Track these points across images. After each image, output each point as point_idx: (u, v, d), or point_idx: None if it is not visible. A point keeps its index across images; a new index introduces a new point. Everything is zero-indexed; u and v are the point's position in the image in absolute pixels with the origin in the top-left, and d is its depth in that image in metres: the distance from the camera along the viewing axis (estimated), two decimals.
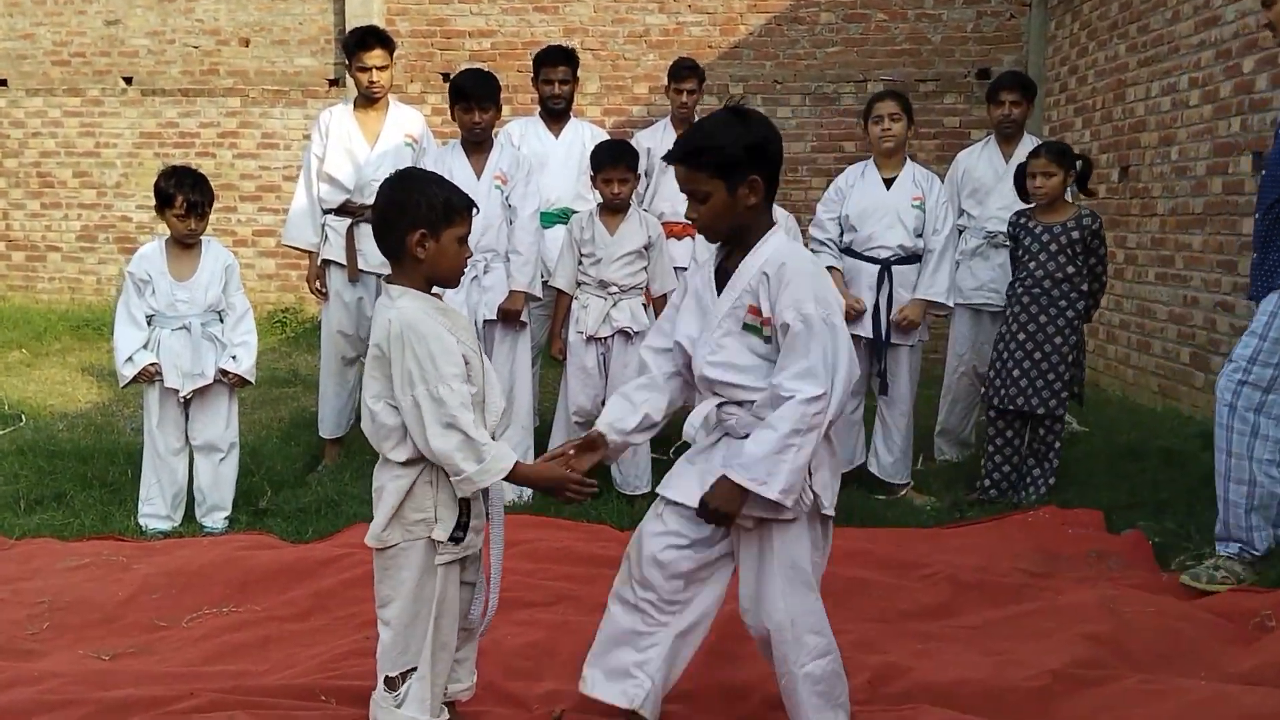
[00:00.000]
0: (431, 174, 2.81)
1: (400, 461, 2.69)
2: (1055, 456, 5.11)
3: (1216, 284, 6.24)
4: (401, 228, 2.67)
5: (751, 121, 2.66)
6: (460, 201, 2.72)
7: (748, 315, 2.66)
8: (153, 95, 10.25)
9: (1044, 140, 5.36)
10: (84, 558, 4.40)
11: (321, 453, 5.90)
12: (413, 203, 2.67)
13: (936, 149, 9.03)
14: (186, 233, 4.71)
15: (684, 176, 2.68)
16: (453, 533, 2.72)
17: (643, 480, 5.27)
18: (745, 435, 2.65)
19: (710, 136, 2.64)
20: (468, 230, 2.74)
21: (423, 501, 2.70)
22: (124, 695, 3.13)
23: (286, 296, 10.23)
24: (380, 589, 2.78)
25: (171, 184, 4.65)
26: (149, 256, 4.76)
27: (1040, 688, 3.14)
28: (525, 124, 6.04)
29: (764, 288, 2.63)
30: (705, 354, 2.71)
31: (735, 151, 2.61)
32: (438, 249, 2.68)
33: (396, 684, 2.76)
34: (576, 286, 5.20)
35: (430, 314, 2.67)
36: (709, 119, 2.71)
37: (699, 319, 2.76)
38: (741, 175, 2.62)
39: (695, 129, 2.70)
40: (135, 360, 4.67)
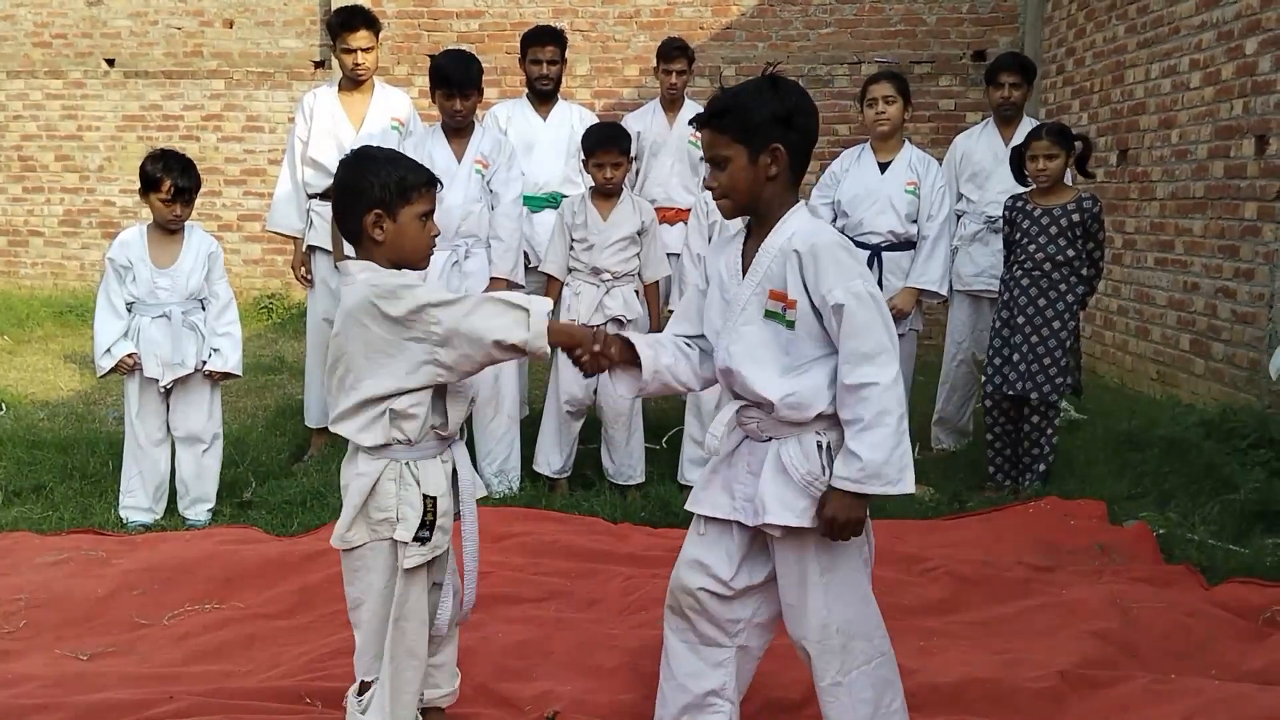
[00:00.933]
0: (388, 152, 2.67)
1: (366, 450, 2.59)
2: (1049, 444, 4.99)
3: (1217, 269, 6.15)
4: (357, 210, 2.57)
5: (783, 89, 2.51)
6: (417, 178, 2.60)
7: (769, 301, 2.49)
8: (135, 77, 10.10)
9: (1043, 122, 5.25)
10: (63, 552, 4.29)
11: (307, 442, 5.79)
12: (365, 183, 2.56)
13: (931, 132, 8.93)
14: (171, 218, 4.59)
15: (707, 140, 2.54)
16: (418, 533, 2.59)
17: (636, 471, 5.18)
18: (767, 439, 2.51)
19: (736, 99, 2.50)
20: (430, 207, 2.63)
21: (385, 500, 2.59)
22: (101, 699, 3.03)
23: (272, 282, 10.10)
24: (350, 591, 2.68)
25: (159, 167, 4.53)
26: (130, 243, 4.64)
27: (1050, 688, 3.06)
28: (512, 106, 5.91)
29: (791, 268, 2.46)
30: (726, 344, 2.55)
31: (760, 116, 2.47)
32: (396, 229, 2.58)
33: (367, 689, 2.67)
34: (568, 273, 5.08)
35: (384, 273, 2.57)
36: (742, 84, 2.57)
37: (722, 309, 2.59)
38: (764, 142, 2.47)
39: (725, 92, 2.55)
40: (113, 351, 4.56)
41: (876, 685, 2.57)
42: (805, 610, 2.52)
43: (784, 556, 2.54)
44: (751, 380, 2.49)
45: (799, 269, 2.45)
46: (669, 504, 4.91)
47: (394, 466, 2.59)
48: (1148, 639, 3.42)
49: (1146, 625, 3.49)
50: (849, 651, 2.53)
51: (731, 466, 2.58)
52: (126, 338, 4.59)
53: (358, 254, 2.66)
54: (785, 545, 2.52)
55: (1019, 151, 5.00)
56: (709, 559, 2.61)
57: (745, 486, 2.54)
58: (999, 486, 5.13)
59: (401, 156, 2.66)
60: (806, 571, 2.51)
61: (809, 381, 2.47)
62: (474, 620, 3.58)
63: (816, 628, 2.51)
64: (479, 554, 3.69)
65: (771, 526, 2.48)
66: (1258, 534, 4.37)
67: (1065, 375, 4.93)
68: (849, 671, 2.53)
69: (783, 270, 2.47)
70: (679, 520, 4.71)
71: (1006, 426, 5.12)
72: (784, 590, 2.56)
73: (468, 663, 3.25)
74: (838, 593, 2.52)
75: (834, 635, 2.52)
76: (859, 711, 2.55)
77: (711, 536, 2.62)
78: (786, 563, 2.54)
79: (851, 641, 2.53)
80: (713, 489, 2.60)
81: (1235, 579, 3.93)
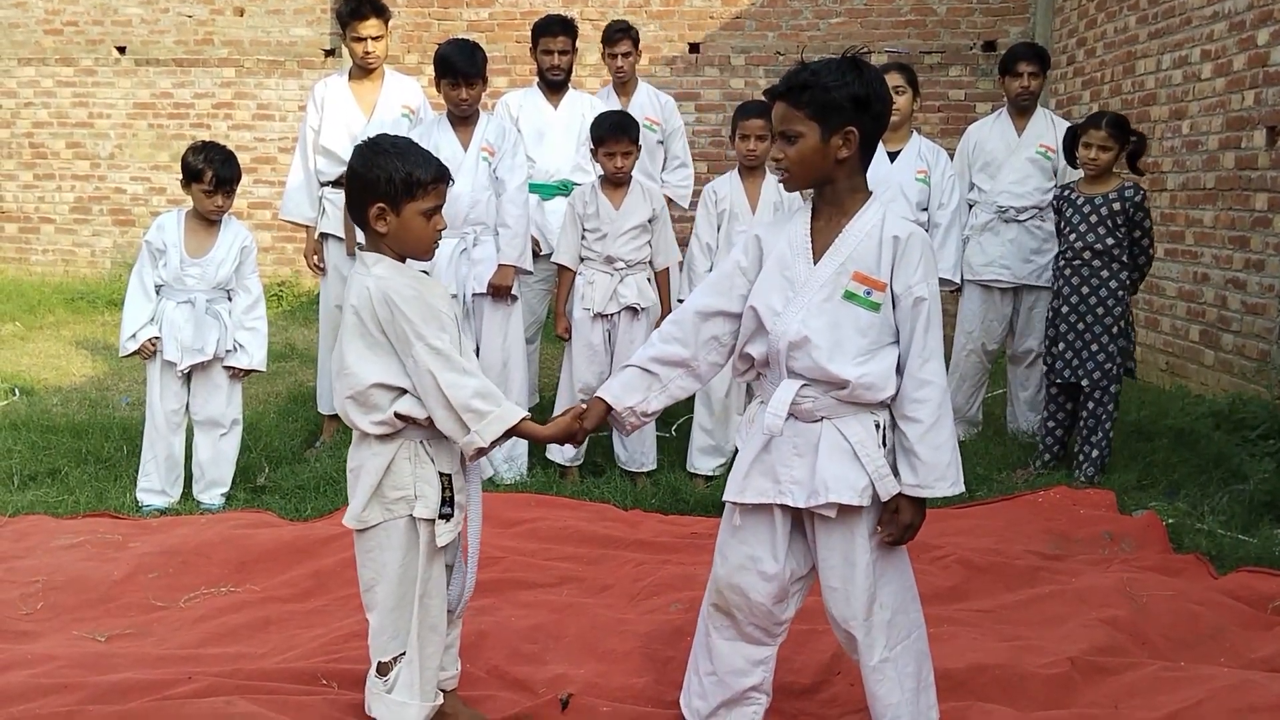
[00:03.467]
0: (400, 142, 2.67)
1: (377, 436, 2.62)
2: (1105, 434, 4.98)
3: (1228, 260, 6.15)
4: (363, 200, 2.61)
5: (864, 72, 2.47)
6: (425, 174, 2.60)
7: (852, 283, 2.47)
8: (146, 65, 10.12)
9: (1104, 111, 5.22)
10: (79, 535, 4.32)
11: (320, 428, 5.82)
12: (372, 176, 2.59)
13: (941, 122, 8.93)
14: (213, 209, 4.66)
15: (781, 114, 2.49)
16: (441, 509, 2.65)
17: (648, 458, 5.19)
18: (819, 419, 2.49)
19: (816, 75, 2.44)
20: (436, 203, 2.63)
21: (402, 479, 2.63)
22: (120, 679, 3.05)
23: (283, 270, 10.12)
24: (363, 573, 2.71)
25: (200, 159, 4.59)
26: (166, 227, 4.70)
27: (1060, 675, 3.07)
28: (524, 95, 5.93)
29: (886, 254, 2.46)
30: (796, 324, 2.48)
31: (839, 95, 2.43)
32: (399, 223, 2.61)
33: (388, 669, 2.70)
34: (580, 262, 5.10)
35: (406, 279, 2.61)
36: (823, 61, 2.50)
37: (783, 288, 2.52)
38: (839, 122, 2.44)
39: (805, 67, 2.49)
40: (138, 336, 4.62)
41: (917, 658, 2.61)
42: (853, 591, 2.52)
43: (830, 539, 2.52)
44: (828, 359, 2.45)
45: (893, 254, 2.46)
46: (679, 491, 4.94)
47: (409, 446, 2.64)
48: (1157, 627, 3.43)
49: (1156, 613, 3.50)
50: (894, 626, 2.55)
51: (772, 450, 2.53)
52: (153, 321, 4.63)
53: (365, 240, 2.69)
54: (834, 526, 2.51)
55: (1074, 132, 5.04)
56: (756, 554, 2.59)
57: (792, 469, 2.50)
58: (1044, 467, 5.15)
59: (413, 150, 2.65)
60: (855, 551, 2.50)
61: (881, 365, 2.48)
62: (487, 604, 3.63)
63: (864, 607, 2.52)
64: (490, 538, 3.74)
65: (830, 506, 2.46)
66: (1267, 524, 4.38)
67: (1114, 361, 4.95)
68: (894, 646, 2.55)
69: (875, 254, 2.47)
70: (689, 507, 4.74)
71: (1060, 414, 5.16)
72: (828, 573, 2.54)
73: (482, 646, 3.30)
74: (883, 570, 2.53)
75: (881, 611, 2.53)
76: (905, 685, 2.57)
77: (749, 528, 2.60)
78: (832, 545, 2.52)
79: (896, 616, 2.56)
80: (754, 476, 2.56)
81: (1244, 568, 3.94)
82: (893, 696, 2.57)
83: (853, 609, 2.53)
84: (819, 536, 2.55)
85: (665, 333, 2.68)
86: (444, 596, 2.73)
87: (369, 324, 2.58)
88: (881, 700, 2.58)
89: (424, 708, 2.72)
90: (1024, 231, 5.58)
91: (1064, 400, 5.14)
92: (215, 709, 2.86)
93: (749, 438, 2.61)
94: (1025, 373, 5.73)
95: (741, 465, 2.59)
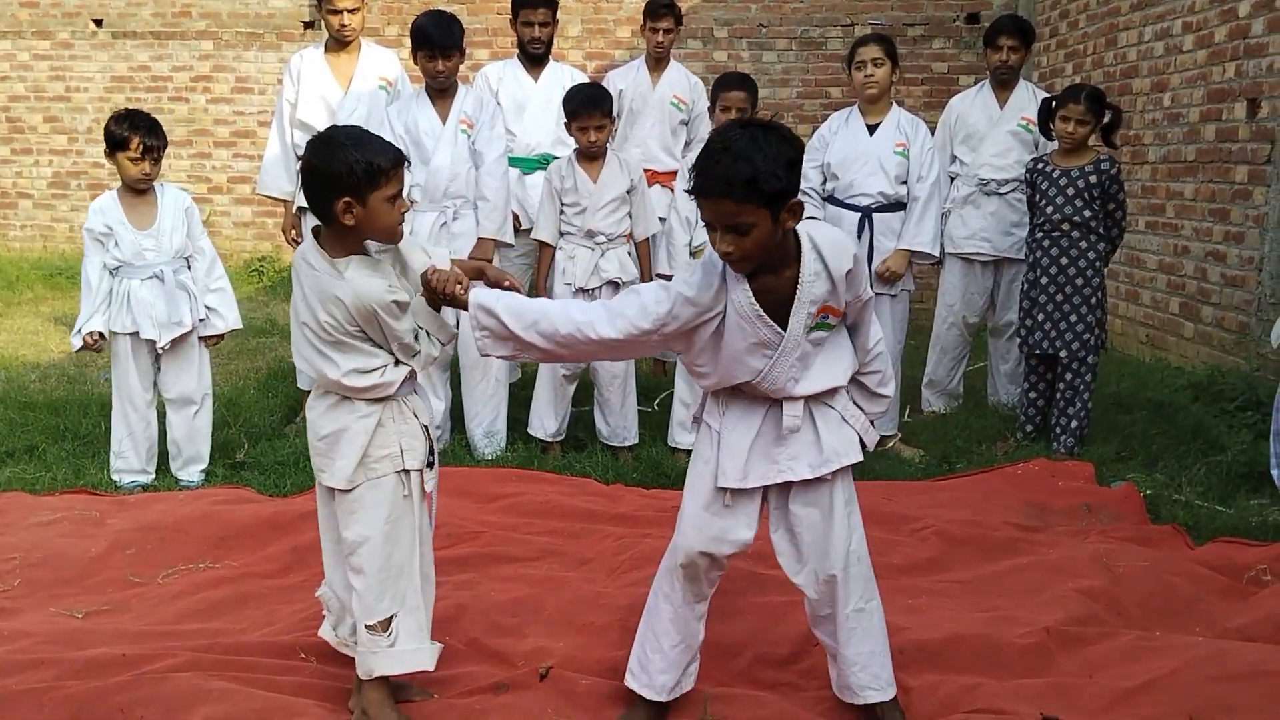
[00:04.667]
0: (354, 132, 2.66)
1: (366, 399, 2.68)
2: (1084, 405, 5.00)
3: (1208, 233, 6.17)
4: (326, 196, 2.59)
5: (781, 133, 2.42)
6: (385, 161, 2.59)
7: (815, 318, 2.55)
8: (124, 38, 10.00)
9: (1081, 85, 5.20)
10: (56, 512, 4.30)
11: (299, 404, 5.79)
12: (334, 171, 2.57)
13: (924, 95, 8.90)
14: (140, 176, 4.54)
15: (726, 210, 2.38)
16: (428, 458, 2.77)
17: (630, 432, 5.19)
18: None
19: (753, 163, 2.33)
20: (398, 188, 2.64)
21: (388, 438, 2.71)
22: (97, 654, 3.05)
23: (263, 245, 10.06)
24: (349, 534, 2.74)
25: (125, 126, 4.48)
26: (105, 209, 4.60)
27: (1036, 644, 3.09)
28: (504, 67, 5.88)
29: (841, 286, 2.55)
30: (785, 380, 2.58)
31: (784, 177, 2.37)
32: (366, 213, 2.59)
33: (383, 627, 2.73)
34: (560, 237, 5.07)
35: (377, 282, 2.62)
36: (735, 138, 2.37)
37: (755, 351, 2.55)
38: (786, 199, 2.40)
39: (729, 156, 2.35)
40: (86, 326, 4.56)
41: (881, 620, 2.77)
42: (831, 542, 2.66)
43: (810, 497, 2.67)
44: (822, 384, 2.63)
45: (846, 283, 2.56)
46: (660, 465, 4.94)
47: (392, 406, 2.71)
48: (1133, 597, 3.45)
49: (1132, 583, 3.52)
50: (868, 580, 2.73)
51: (763, 435, 2.64)
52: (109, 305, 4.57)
53: (326, 232, 2.67)
54: (816, 486, 2.66)
55: (1048, 104, 5.03)
56: (737, 526, 2.70)
57: (788, 446, 2.63)
58: (1025, 438, 5.17)
59: (367, 138, 2.64)
60: (834, 504, 2.67)
61: (849, 351, 2.70)
62: (467, 579, 3.63)
63: (842, 555, 2.67)
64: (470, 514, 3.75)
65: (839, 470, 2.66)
66: (1243, 495, 4.40)
67: (1092, 332, 4.97)
68: (869, 600, 2.72)
69: (829, 290, 2.54)
70: (671, 481, 4.74)
71: (1040, 385, 5.18)
72: (807, 530, 2.68)
73: (461, 619, 3.29)
74: (856, 520, 2.72)
75: (858, 563, 2.69)
76: (877, 637, 2.74)
77: (737, 506, 2.70)
78: (812, 502, 2.67)
79: (869, 570, 2.74)
80: (752, 461, 2.66)
81: (1221, 538, 3.96)
82: (866, 645, 2.72)
83: (830, 559, 2.66)
84: (796, 497, 2.68)
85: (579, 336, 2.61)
86: (430, 546, 2.85)
87: (341, 330, 2.61)
88: (855, 648, 2.72)
89: (434, 649, 2.82)
90: (1005, 204, 5.57)
91: (1044, 371, 5.16)
92: (193, 683, 2.85)
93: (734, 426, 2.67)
94: (1006, 345, 5.74)
95: (737, 453, 2.66)
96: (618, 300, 2.65)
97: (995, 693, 2.86)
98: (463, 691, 2.97)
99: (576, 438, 5.32)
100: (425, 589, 2.82)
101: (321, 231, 2.69)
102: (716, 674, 3.00)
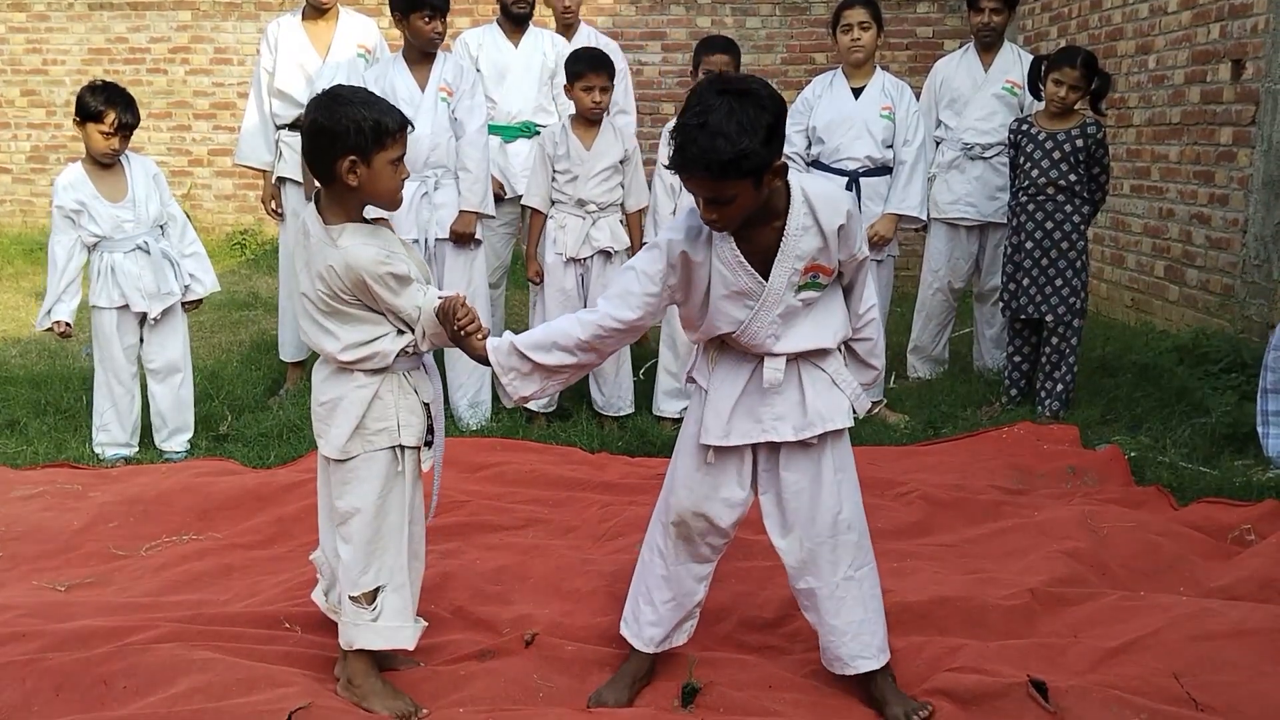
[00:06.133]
0: (360, 92, 2.60)
1: (365, 370, 2.63)
2: (1068, 366, 4.99)
3: (1193, 195, 6.16)
4: (331, 154, 2.52)
5: (759, 98, 2.31)
6: (392, 122, 2.54)
7: (804, 276, 2.49)
8: (101, 9, 9.89)
9: (1076, 47, 5.16)
10: (38, 486, 4.27)
11: (283, 376, 5.77)
12: (340, 127, 2.50)
13: (909, 60, 8.86)
14: (108, 153, 4.47)
15: (708, 186, 2.34)
16: (426, 437, 2.73)
17: (625, 402, 5.17)
18: None
19: (733, 141, 2.25)
20: (402, 151, 2.59)
21: (385, 410, 2.66)
22: (80, 626, 3.03)
23: (245, 218, 9.99)
24: (340, 504, 2.71)
25: (101, 99, 4.39)
26: (75, 184, 4.51)
27: (1020, 606, 3.10)
28: (483, 33, 5.78)
29: (832, 243, 2.48)
30: (765, 334, 2.53)
31: (762, 147, 2.29)
32: (370, 174, 2.54)
33: (367, 600, 2.72)
34: (551, 205, 5.02)
35: (374, 249, 2.56)
36: (712, 109, 2.28)
37: (738, 301, 2.51)
38: (768, 165, 2.33)
39: (706, 133, 2.27)
40: (53, 313, 4.51)
41: (874, 588, 2.72)
42: (818, 509, 2.63)
43: (798, 462, 2.63)
44: (806, 343, 2.57)
45: (838, 239, 2.49)
46: (646, 434, 4.93)
47: (392, 379, 2.67)
48: (1118, 558, 3.46)
49: (1117, 544, 3.53)
50: (860, 548, 2.68)
51: (748, 393, 2.60)
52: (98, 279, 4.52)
53: (326, 195, 2.62)
54: (803, 451, 2.62)
55: (1039, 64, 5.00)
56: (726, 485, 2.68)
57: (773, 406, 2.59)
58: (1010, 403, 5.17)
59: (374, 98, 2.59)
60: (822, 470, 2.62)
61: (840, 313, 2.64)
62: (452, 548, 3.62)
63: (829, 524, 2.63)
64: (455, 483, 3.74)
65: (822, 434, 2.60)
66: (1227, 456, 4.42)
67: (1078, 296, 4.97)
68: (860, 567, 2.68)
69: (819, 246, 2.49)
70: (656, 450, 4.74)
71: (1025, 349, 5.17)
72: (794, 496, 2.64)
73: (446, 587, 3.29)
74: (848, 489, 2.66)
75: (847, 531, 2.65)
76: (868, 605, 2.69)
77: (721, 463, 2.67)
78: (800, 468, 2.63)
79: (862, 538, 2.68)
80: (736, 419, 2.62)
81: (1205, 499, 3.98)
82: (855, 614, 2.67)
83: (816, 527, 2.63)
84: (784, 462, 2.64)
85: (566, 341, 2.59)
86: (422, 525, 2.82)
87: (336, 299, 2.57)
88: (843, 617, 2.67)
89: (417, 628, 2.80)
90: (990, 169, 5.55)
91: (1028, 335, 5.15)
92: (176, 654, 2.83)
93: (720, 384, 2.63)
94: (991, 311, 5.73)
95: (720, 410, 2.62)
96: (616, 285, 2.61)
97: (980, 653, 2.86)
98: (448, 659, 2.96)
99: (563, 407, 5.31)
100: (413, 566, 2.79)
101: (321, 196, 2.63)
102: (702, 638, 2.99)
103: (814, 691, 2.78)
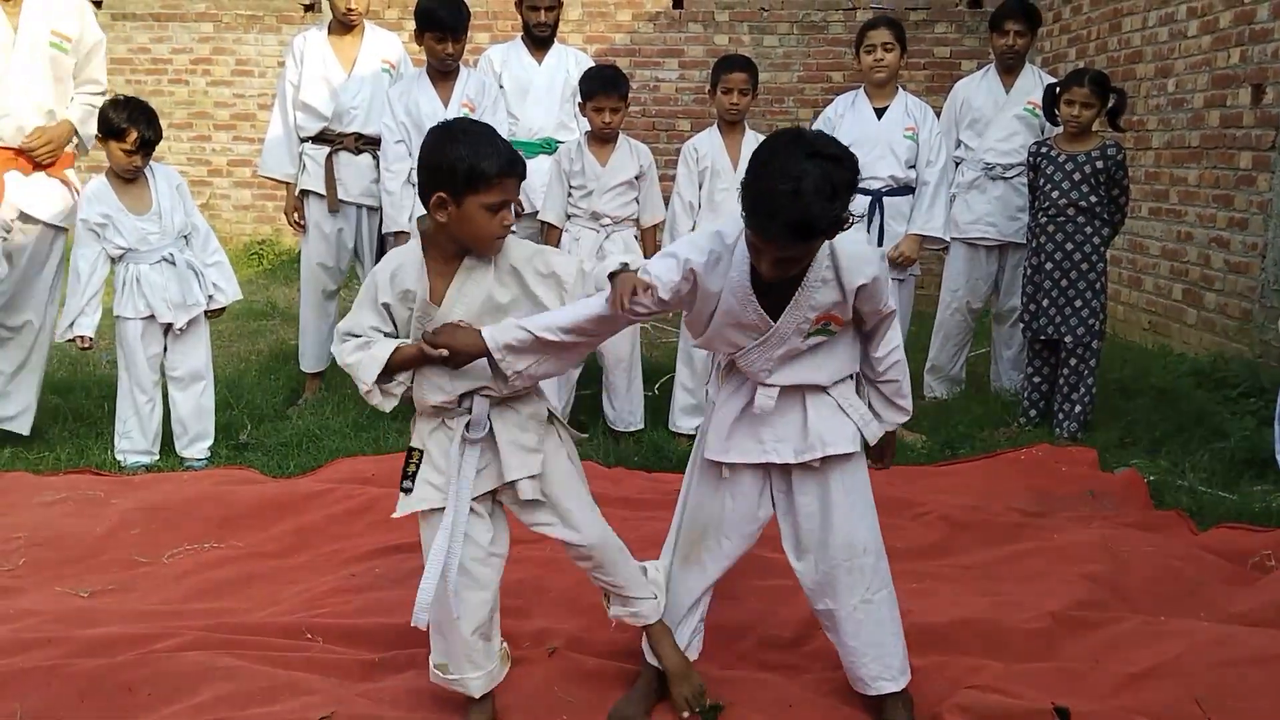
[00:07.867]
0: (475, 128, 2.51)
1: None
2: (1086, 388, 5.00)
3: (1211, 219, 6.16)
4: (426, 188, 2.48)
5: (847, 161, 2.29)
6: (493, 168, 2.42)
7: (815, 325, 2.49)
8: (123, 20, 9.96)
9: (1085, 68, 5.20)
10: (60, 492, 4.30)
11: (302, 386, 5.79)
12: (434, 162, 2.45)
13: (926, 80, 8.88)
14: (130, 169, 4.50)
15: (785, 249, 2.31)
16: (402, 483, 2.61)
17: (636, 417, 5.17)
18: None
19: (823, 214, 2.24)
20: (505, 198, 2.46)
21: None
22: (104, 633, 3.05)
23: (263, 228, 10.04)
24: None
25: (123, 117, 4.41)
26: (100, 197, 4.53)
27: (1041, 629, 3.09)
28: (507, 50, 5.82)
29: (850, 299, 2.46)
30: (763, 370, 2.54)
31: (842, 213, 2.28)
32: (458, 215, 2.45)
33: None
34: (566, 219, 5.06)
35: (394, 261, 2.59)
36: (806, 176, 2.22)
37: (742, 332, 2.52)
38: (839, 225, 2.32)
39: (798, 203, 2.21)
40: (75, 326, 4.52)
41: (893, 610, 2.71)
42: (830, 532, 2.63)
43: (808, 485, 2.64)
44: (803, 380, 2.57)
45: (857, 298, 2.47)
46: (662, 449, 4.94)
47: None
48: (1138, 582, 3.45)
49: (1137, 569, 3.52)
50: (877, 572, 2.67)
51: (750, 412, 2.60)
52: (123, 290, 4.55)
53: (429, 228, 2.57)
54: (810, 475, 2.62)
55: (1052, 90, 5.02)
56: (745, 503, 2.70)
57: (775, 428, 2.60)
58: (1028, 424, 5.17)
59: (486, 138, 2.48)
60: (831, 494, 2.62)
61: (846, 354, 2.61)
62: None
63: (843, 547, 2.63)
64: None
65: (829, 459, 2.59)
66: (1247, 480, 4.41)
67: (1097, 318, 4.98)
68: (878, 590, 2.67)
69: (836, 299, 2.46)
70: (673, 465, 4.74)
71: (1044, 370, 5.18)
72: (806, 519, 2.65)
73: None
74: (861, 513, 2.65)
75: (863, 555, 2.64)
76: (885, 629, 2.68)
77: (737, 480, 2.69)
78: (810, 491, 2.64)
79: (879, 562, 2.67)
80: (737, 438, 2.63)
81: (1224, 524, 3.96)
82: (874, 637, 2.68)
83: (830, 550, 2.63)
84: (796, 485, 2.65)
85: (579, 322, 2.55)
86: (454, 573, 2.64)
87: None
88: (863, 639, 2.67)
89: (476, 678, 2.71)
90: (1010, 189, 5.57)
91: (1047, 356, 5.16)
92: (199, 662, 2.86)
93: (725, 400, 2.65)
94: (1009, 331, 5.74)
95: (722, 426, 2.65)
96: None
97: (1002, 675, 2.86)
98: None
99: (579, 421, 5.32)
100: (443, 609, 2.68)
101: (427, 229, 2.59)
102: (720, 656, 3.00)
103: (833, 711, 2.78)
